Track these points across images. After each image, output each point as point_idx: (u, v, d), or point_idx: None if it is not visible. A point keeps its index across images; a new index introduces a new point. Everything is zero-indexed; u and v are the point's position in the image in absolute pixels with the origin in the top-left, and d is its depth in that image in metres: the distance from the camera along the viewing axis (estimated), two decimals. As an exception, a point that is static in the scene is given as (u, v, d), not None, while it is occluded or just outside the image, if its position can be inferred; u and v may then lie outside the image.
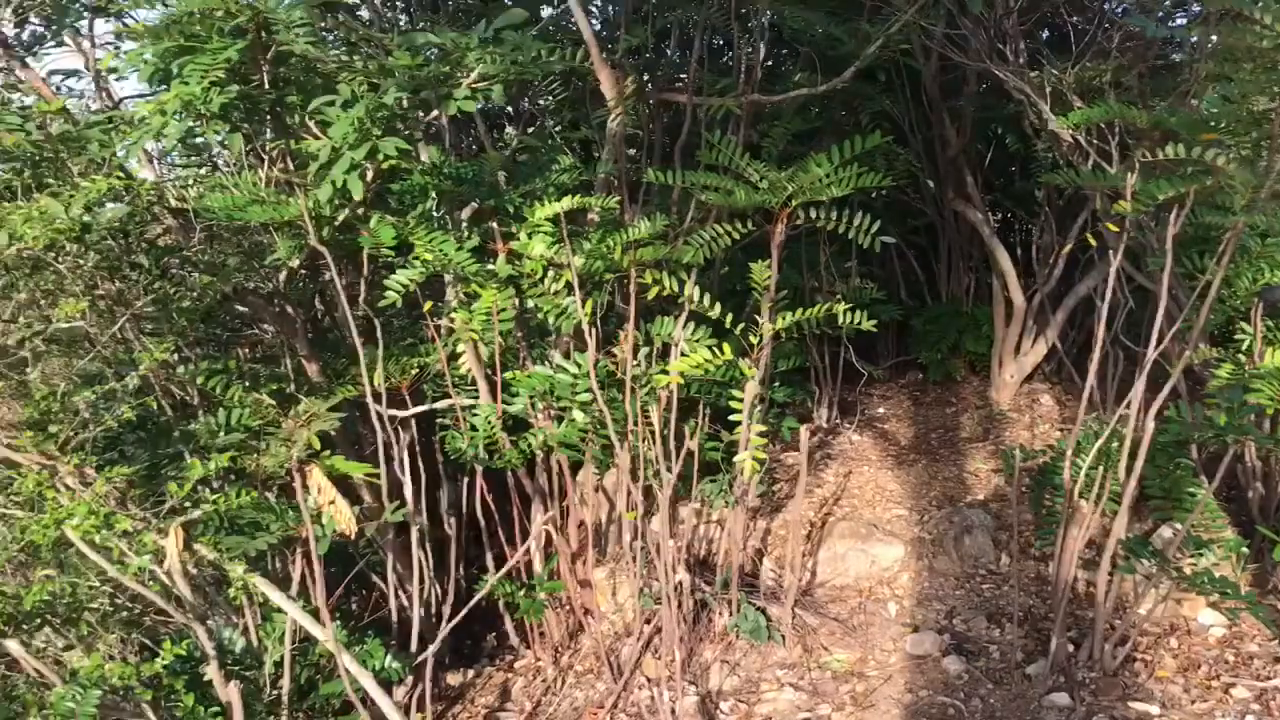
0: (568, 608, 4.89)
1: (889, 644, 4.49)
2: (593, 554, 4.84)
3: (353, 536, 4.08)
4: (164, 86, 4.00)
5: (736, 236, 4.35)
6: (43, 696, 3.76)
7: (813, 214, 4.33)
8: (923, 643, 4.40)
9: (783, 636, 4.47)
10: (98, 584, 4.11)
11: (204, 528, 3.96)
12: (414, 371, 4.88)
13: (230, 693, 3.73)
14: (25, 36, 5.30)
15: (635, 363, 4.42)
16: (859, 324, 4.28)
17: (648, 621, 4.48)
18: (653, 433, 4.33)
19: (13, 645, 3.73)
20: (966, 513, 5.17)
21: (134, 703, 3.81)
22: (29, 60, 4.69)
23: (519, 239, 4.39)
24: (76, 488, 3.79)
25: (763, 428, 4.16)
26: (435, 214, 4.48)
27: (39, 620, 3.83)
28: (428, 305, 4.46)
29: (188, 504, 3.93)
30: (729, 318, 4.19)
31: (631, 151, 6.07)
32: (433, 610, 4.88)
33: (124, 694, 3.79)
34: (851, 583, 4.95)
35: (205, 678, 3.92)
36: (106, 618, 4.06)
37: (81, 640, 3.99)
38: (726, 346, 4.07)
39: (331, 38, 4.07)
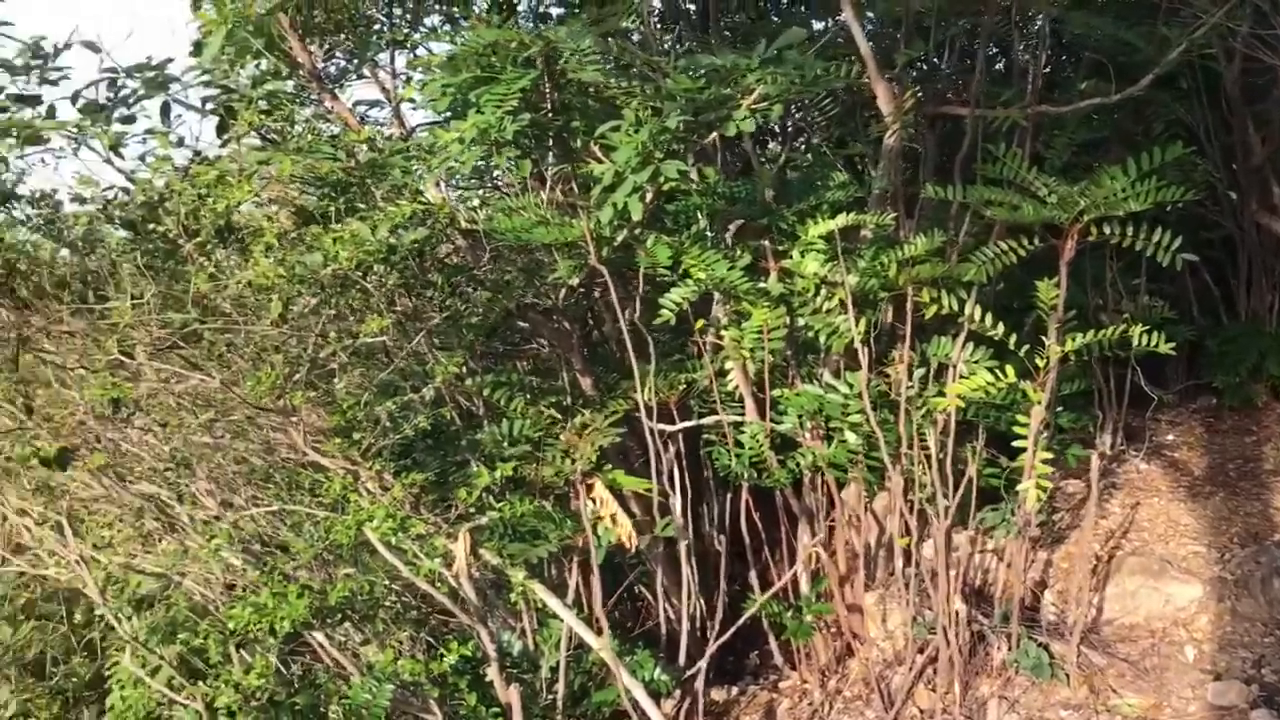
0: (835, 631, 4.81)
1: (1187, 691, 4.17)
2: (862, 578, 4.74)
3: (633, 550, 4.17)
4: (446, 115, 4.26)
5: (1022, 253, 4.16)
6: (340, 687, 4.03)
7: (1105, 229, 4.09)
8: (1227, 692, 4.06)
9: (1067, 675, 4.23)
10: (389, 584, 4.39)
11: (489, 534, 4.16)
12: (681, 387, 4.94)
13: (511, 695, 3.89)
14: (332, 70, 5.76)
15: (910, 384, 4.31)
16: (1154, 346, 4.01)
17: (920, 651, 4.35)
18: (928, 456, 4.20)
19: (318, 637, 4.03)
20: (1275, 552, 4.73)
21: (421, 698, 4.04)
22: (338, 93, 5.07)
23: (791, 257, 4.38)
24: (376, 492, 4.06)
25: (1048, 455, 3.96)
26: (708, 233, 4.54)
27: (340, 615, 4.11)
28: (699, 324, 4.51)
29: (474, 510, 4.14)
30: (1012, 338, 4.01)
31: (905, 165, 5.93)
32: (697, 625, 4.92)
33: (413, 689, 4.03)
34: (1142, 622, 4.63)
35: (486, 678, 4.10)
36: (399, 616, 4.32)
37: (377, 636, 4.26)
38: (1009, 369, 3.90)
39: (610, 64, 4.18)
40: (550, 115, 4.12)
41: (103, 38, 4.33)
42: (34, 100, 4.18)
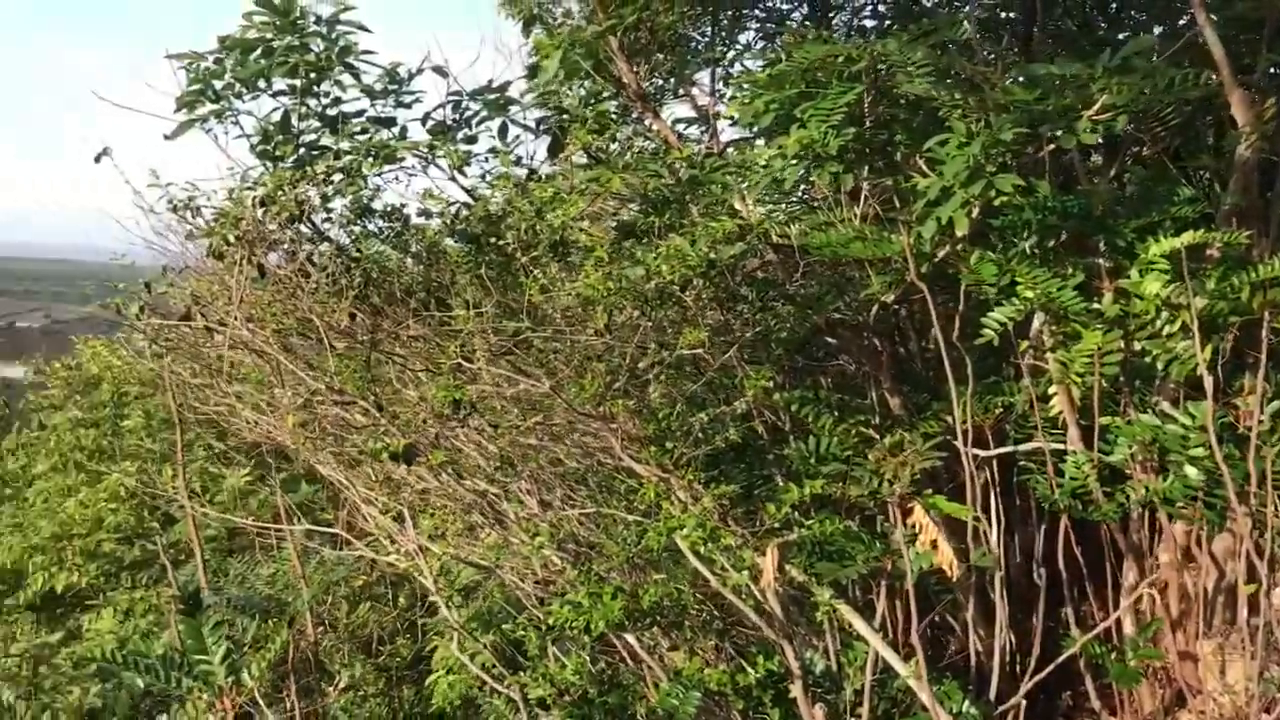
0: (1164, 680, 4.46)
1: None
2: (1198, 624, 4.38)
3: (953, 578, 4.04)
4: (758, 131, 4.28)
5: (1403, 276, 3.72)
6: (646, 690, 4.13)
7: None
8: None
9: None
10: (693, 592, 4.46)
11: (796, 550, 4.14)
12: (997, 410, 4.74)
13: (815, 714, 3.85)
14: (650, 89, 5.94)
15: (1262, 417, 3.94)
16: None
17: (1267, 710, 3.96)
18: (1281, 497, 3.83)
19: (630, 639, 4.14)
20: None
21: (725, 708, 4.08)
22: (660, 111, 5.23)
23: (1128, 276, 4.11)
24: (687, 501, 4.13)
25: None
26: (1034, 249, 4.33)
27: (650, 619, 4.21)
28: (1023, 346, 4.31)
29: (780, 526, 4.14)
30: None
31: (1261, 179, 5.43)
32: (1007, 660, 4.69)
33: (717, 699, 4.07)
34: None
35: (789, 695, 4.08)
36: (705, 625, 4.38)
37: (685, 643, 4.33)
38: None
39: (937, 76, 4.08)
40: (873, 129, 4.07)
41: (449, 63, 4.66)
42: (390, 122, 4.55)
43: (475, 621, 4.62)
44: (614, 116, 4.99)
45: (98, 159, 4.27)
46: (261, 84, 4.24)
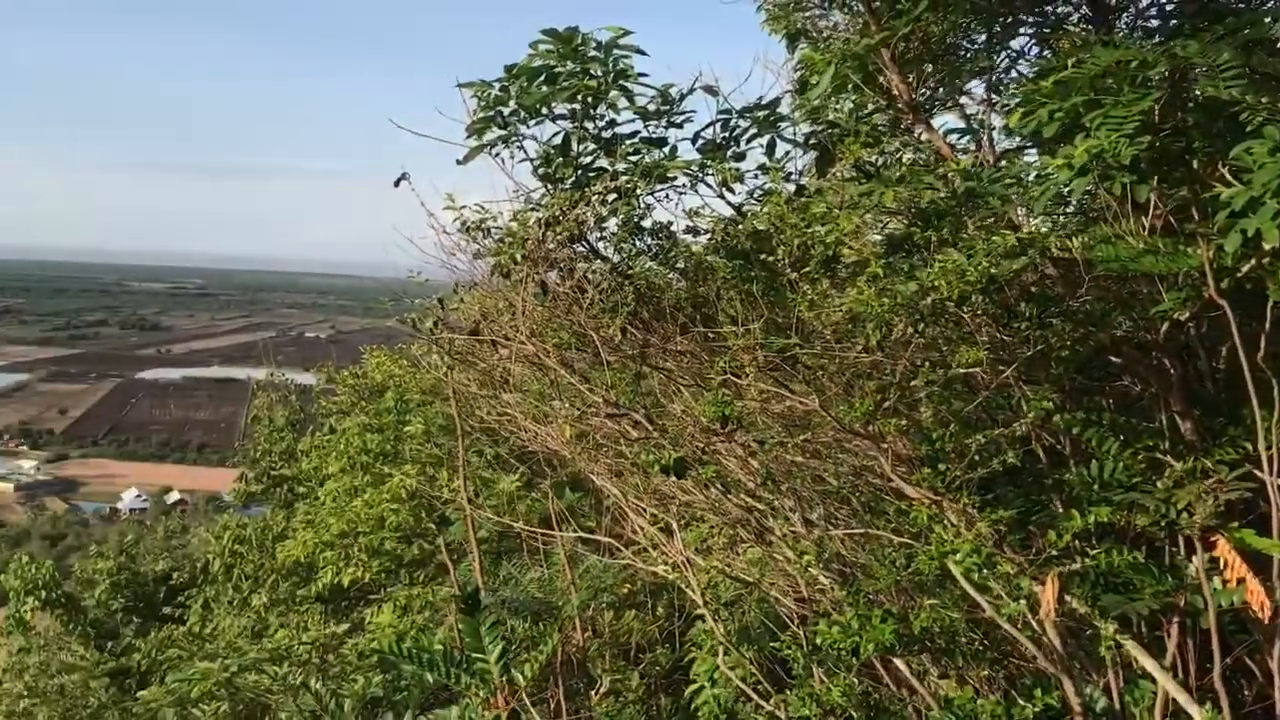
0: None
1: None
2: None
3: (1267, 619, 3.73)
4: (1030, 142, 4.09)
5: None
6: (911, 718, 4.02)
7: None
8: None
9: None
10: (964, 619, 4.31)
11: (1079, 581, 3.93)
12: (1307, 438, 4.33)
13: (1100, 756, 3.64)
14: (921, 99, 5.80)
15: None
16: None
17: None
18: None
19: (899, 664, 4.05)
20: None
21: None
22: (931, 122, 5.10)
23: None
24: (959, 525, 4.00)
25: None
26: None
27: (919, 645, 4.10)
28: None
29: (1059, 554, 3.94)
30: None
31: None
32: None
33: (992, 731, 3.91)
34: None
35: (1070, 733, 3.88)
36: (977, 654, 4.23)
37: (956, 671, 4.19)
38: None
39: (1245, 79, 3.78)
40: (1168, 137, 3.82)
41: (719, 82, 4.71)
42: (661, 142, 4.65)
43: (736, 636, 4.64)
44: (882, 129, 4.91)
45: (397, 183, 4.59)
46: (543, 109, 4.43)
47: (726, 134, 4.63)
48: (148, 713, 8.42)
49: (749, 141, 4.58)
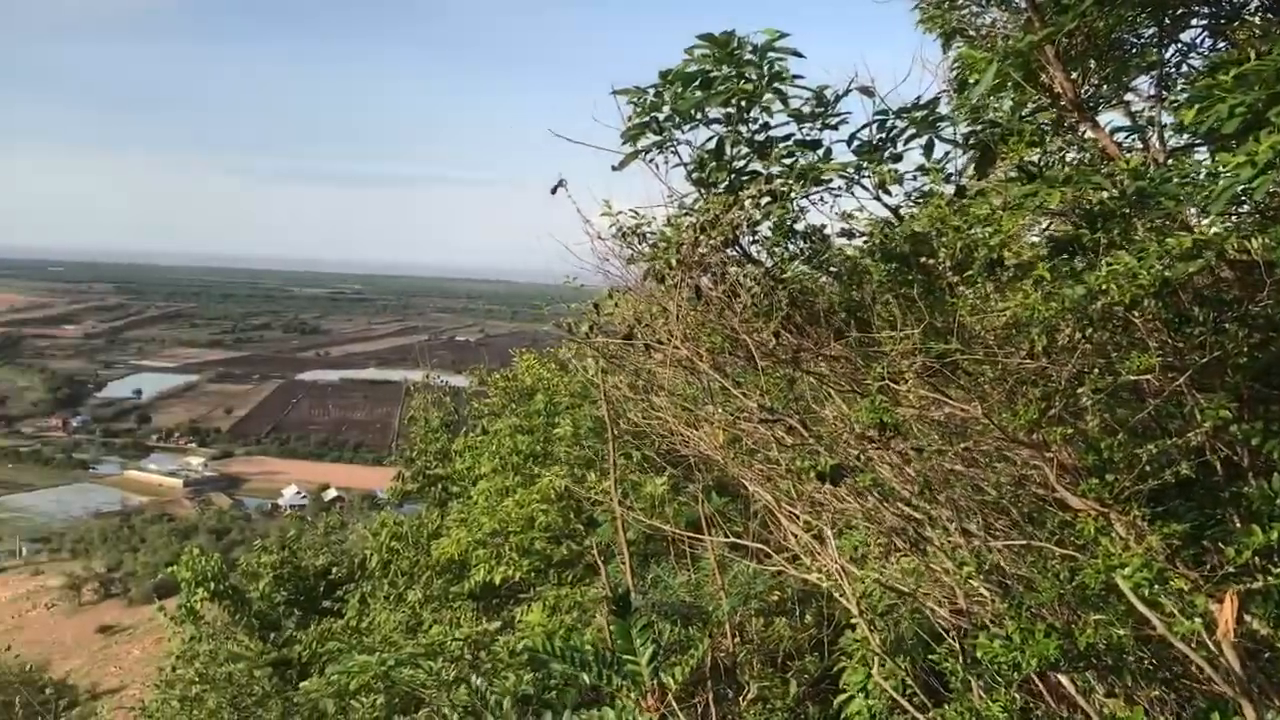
0: None
1: None
2: None
3: None
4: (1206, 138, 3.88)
5: None
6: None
7: None
8: None
9: None
10: (1133, 636, 4.13)
11: (1260, 600, 3.73)
12: None
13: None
14: (1085, 96, 5.60)
15: None
16: None
17: None
18: None
19: (1063, 680, 3.91)
20: None
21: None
22: (1096, 120, 4.92)
23: None
24: (1128, 539, 3.84)
25: None
26: None
27: (1084, 661, 3.96)
28: None
29: (1239, 571, 3.75)
30: None
31: None
32: None
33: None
34: None
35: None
36: (1148, 672, 4.05)
37: (1124, 689, 4.03)
38: None
39: None
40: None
41: (875, 82, 4.64)
42: (815, 145, 4.60)
43: (891, 646, 4.56)
44: (1045, 128, 4.75)
45: (554, 190, 4.67)
46: (697, 114, 4.43)
47: (883, 135, 4.55)
48: (308, 702, 8.77)
49: (906, 142, 4.49)
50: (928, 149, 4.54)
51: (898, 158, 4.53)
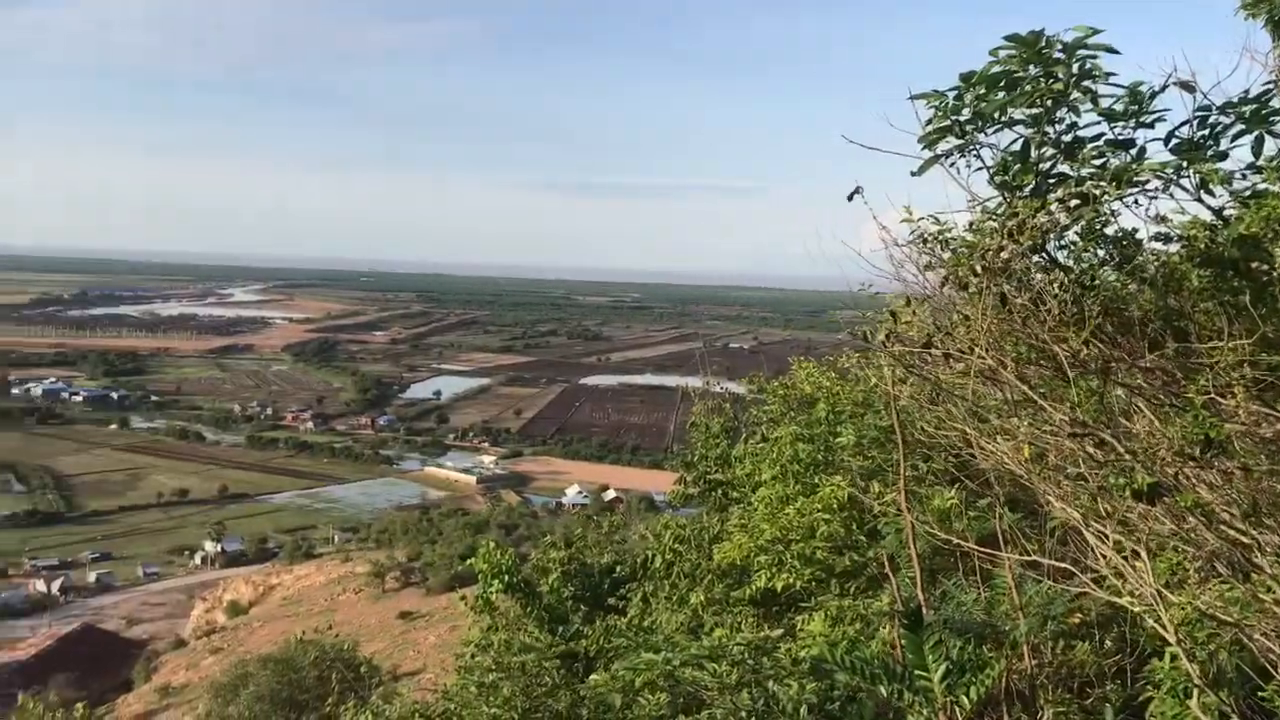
0: None
1: None
2: None
3: None
4: None
5: None
6: None
7: None
8: None
9: None
10: None
11: None
12: None
13: None
14: None
15: None
16: None
17: None
18: None
19: None
20: None
21: None
22: None
23: None
24: None
25: None
26: None
27: None
28: None
29: None
30: None
31: None
32: None
33: None
34: None
35: None
36: None
37: None
38: None
39: None
40: None
41: (1197, 77, 4.33)
42: (1128, 145, 4.35)
43: (1210, 678, 4.24)
44: None
45: (850, 197, 4.63)
46: (1000, 116, 4.29)
47: (1205, 132, 4.24)
48: (595, 696, 9.11)
49: (1233, 140, 4.17)
50: (1257, 145, 4.19)
51: (1222, 156, 4.21)
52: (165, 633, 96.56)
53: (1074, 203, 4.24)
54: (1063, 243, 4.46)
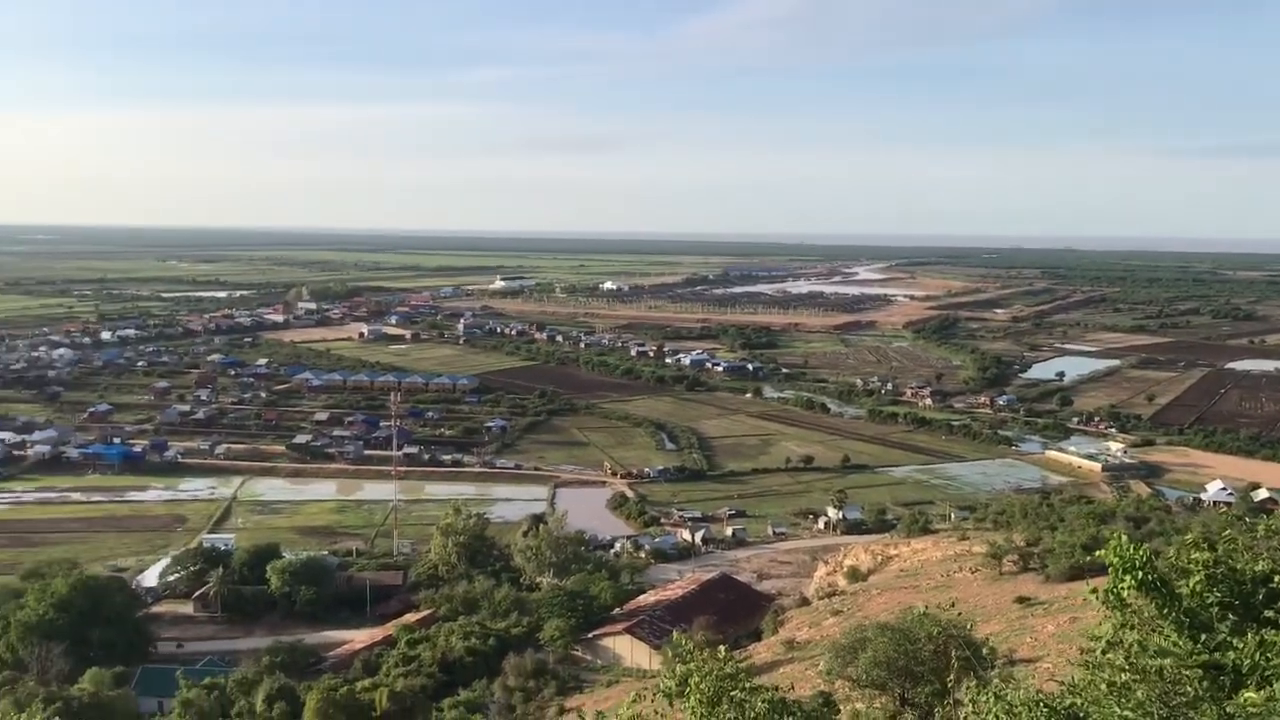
0: None
1: None
2: None
3: None
4: None
5: None
6: None
7: None
8: None
9: None
10: None
11: None
12: None
13: None
14: None
15: None
16: None
17: None
18: None
19: None
20: None
21: None
22: None
23: None
24: None
25: None
26: None
27: None
28: None
29: None
30: None
31: None
32: None
33: None
34: None
35: None
36: None
37: None
38: None
39: None
40: None
41: None
42: None
43: None
44: None
45: None
46: None
47: None
48: (1246, 716, 8.22)
49: None
50: None
51: None
52: (790, 589, 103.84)
53: None
54: None
